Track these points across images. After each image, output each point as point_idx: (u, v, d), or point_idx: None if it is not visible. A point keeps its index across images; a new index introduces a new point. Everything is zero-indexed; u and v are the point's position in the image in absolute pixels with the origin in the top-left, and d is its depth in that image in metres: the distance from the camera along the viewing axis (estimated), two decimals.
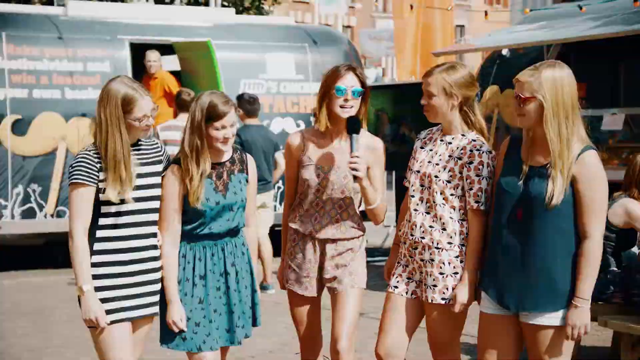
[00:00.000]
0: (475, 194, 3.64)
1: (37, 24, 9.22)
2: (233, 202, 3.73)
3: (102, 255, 3.51)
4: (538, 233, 3.37)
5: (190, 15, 10.74)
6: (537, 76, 3.32)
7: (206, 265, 3.70)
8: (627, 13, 7.70)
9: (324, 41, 10.52)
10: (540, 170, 3.37)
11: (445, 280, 3.67)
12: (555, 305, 3.37)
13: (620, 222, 5.20)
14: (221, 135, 3.65)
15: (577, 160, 3.31)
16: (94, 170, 3.47)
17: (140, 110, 3.50)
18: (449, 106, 3.71)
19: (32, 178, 8.79)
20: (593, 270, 3.34)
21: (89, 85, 9.11)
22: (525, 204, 3.38)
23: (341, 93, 3.85)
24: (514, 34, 8.98)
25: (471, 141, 3.70)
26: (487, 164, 3.65)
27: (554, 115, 3.30)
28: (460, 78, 3.69)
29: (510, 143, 3.57)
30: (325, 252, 3.98)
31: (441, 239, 3.68)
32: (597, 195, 3.33)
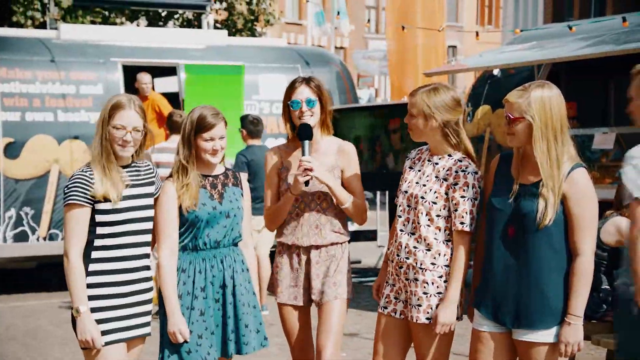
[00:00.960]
0: (460, 215, 3.66)
1: (29, 47, 9.25)
2: (229, 209, 3.78)
3: (97, 276, 3.53)
4: (530, 250, 3.39)
5: (183, 37, 10.78)
6: (526, 97, 3.36)
7: (206, 277, 3.74)
8: (616, 33, 7.75)
9: (316, 62, 10.58)
10: (530, 188, 3.40)
11: (429, 300, 3.69)
12: (549, 322, 3.38)
13: (612, 240, 5.22)
14: (210, 146, 3.72)
15: (567, 179, 3.34)
16: (89, 191, 3.49)
17: (121, 118, 3.52)
18: (428, 127, 3.74)
19: (24, 201, 8.78)
20: (585, 287, 3.36)
21: (81, 107, 9.13)
22: (517, 221, 3.41)
23: (297, 106, 4.01)
24: (504, 54, 9.01)
25: (457, 162, 3.73)
26: (473, 185, 3.68)
27: (542, 135, 3.34)
28: (440, 101, 3.71)
29: (501, 161, 3.60)
30: (310, 259, 4.07)
31: (425, 260, 3.70)
32: (587, 213, 3.36)
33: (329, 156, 4.08)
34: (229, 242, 3.81)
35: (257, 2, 16.52)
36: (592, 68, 8.49)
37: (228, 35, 11.56)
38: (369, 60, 25.77)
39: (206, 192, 3.76)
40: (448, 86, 3.87)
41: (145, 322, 3.67)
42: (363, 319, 7.28)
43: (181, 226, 3.73)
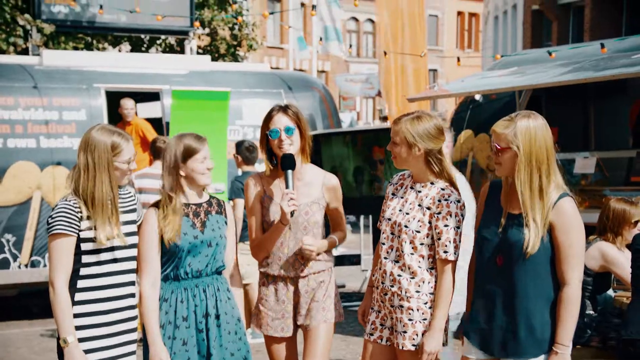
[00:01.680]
0: (444, 244, 3.67)
1: (12, 74, 9.20)
2: (211, 238, 3.77)
3: (83, 305, 3.52)
4: (517, 279, 3.40)
5: (166, 63, 10.79)
6: (512, 127, 3.39)
7: (188, 306, 3.72)
8: (595, 59, 7.84)
9: (299, 87, 10.62)
10: (518, 218, 3.42)
11: (415, 327, 3.71)
12: (537, 351, 3.40)
13: (596, 265, 5.24)
14: (203, 167, 3.76)
15: (554, 208, 3.36)
16: (75, 220, 3.49)
17: (128, 153, 3.58)
18: (411, 156, 3.76)
19: (6, 228, 8.71)
20: (572, 316, 3.38)
21: (64, 133, 9.09)
22: (504, 251, 3.43)
23: (275, 135, 3.98)
24: (486, 79, 9.08)
25: (440, 190, 3.75)
26: (456, 214, 3.69)
27: (526, 165, 3.36)
28: (423, 130, 3.73)
29: (490, 189, 3.62)
30: (298, 289, 4.03)
31: (409, 287, 3.72)
32: (574, 243, 3.38)
33: (314, 187, 4.07)
34: (212, 271, 3.80)
35: (239, 27, 16.58)
36: (573, 93, 8.58)
37: (211, 60, 11.57)
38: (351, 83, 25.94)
39: (188, 220, 3.76)
40: (431, 114, 3.89)
41: (131, 351, 3.66)
42: (348, 344, 7.25)
43: (163, 255, 3.72)
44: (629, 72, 7.09)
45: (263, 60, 28.89)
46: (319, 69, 32.16)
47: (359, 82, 25.59)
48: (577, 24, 22.37)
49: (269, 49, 32.28)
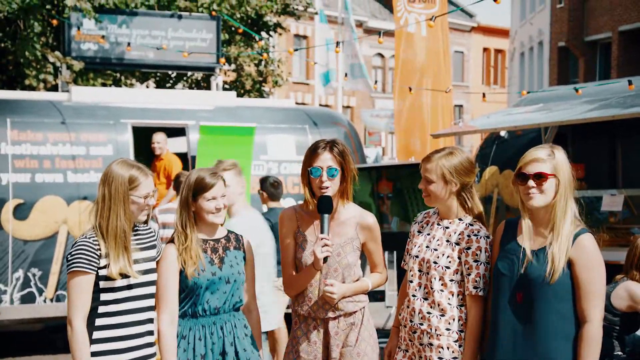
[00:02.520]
0: (474, 279, 3.64)
1: (41, 110, 9.33)
2: (229, 274, 3.75)
3: (101, 344, 3.51)
4: (538, 316, 3.37)
5: (192, 99, 10.88)
6: (553, 156, 3.41)
7: (206, 344, 3.70)
8: (622, 96, 7.81)
9: (324, 122, 10.65)
10: (537, 253, 3.38)
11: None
12: None
13: (624, 305, 5.17)
14: (212, 206, 3.72)
15: (574, 244, 3.34)
16: (94, 257, 3.48)
17: (145, 188, 3.57)
18: (447, 192, 3.74)
19: (32, 262, 8.77)
20: (594, 354, 3.33)
21: (91, 168, 9.17)
22: (525, 286, 3.39)
23: (316, 174, 3.83)
24: (511, 115, 9.08)
25: (468, 226, 3.72)
26: (485, 249, 3.66)
27: (566, 194, 3.39)
28: (459, 164, 3.72)
29: (506, 227, 3.60)
30: (329, 331, 3.94)
31: (439, 325, 3.67)
32: (595, 279, 3.35)
33: (348, 227, 3.93)
34: (230, 308, 3.77)
35: (265, 64, 16.72)
36: (599, 130, 8.54)
37: (237, 96, 11.66)
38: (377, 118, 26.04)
39: (206, 256, 3.74)
40: (461, 149, 3.89)
41: None
42: None
43: (181, 292, 3.71)
44: None
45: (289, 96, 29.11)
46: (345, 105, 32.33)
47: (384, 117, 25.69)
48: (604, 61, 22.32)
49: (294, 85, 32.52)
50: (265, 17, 16.13)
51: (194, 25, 13.16)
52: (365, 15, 35.95)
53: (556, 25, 24.28)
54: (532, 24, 27.58)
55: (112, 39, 12.60)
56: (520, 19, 29.98)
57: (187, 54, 12.11)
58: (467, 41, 41.91)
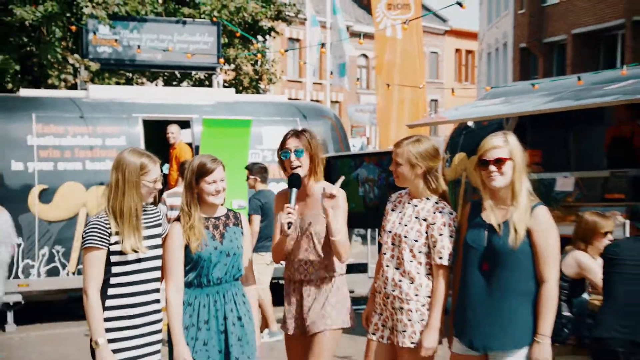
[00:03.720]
0: (439, 251, 3.69)
1: (62, 106, 9.32)
2: (229, 248, 3.77)
3: (113, 311, 3.53)
4: (503, 281, 3.42)
5: (196, 95, 10.88)
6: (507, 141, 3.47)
7: (209, 311, 3.72)
8: (573, 90, 7.85)
9: (313, 115, 10.66)
10: (500, 227, 3.44)
11: (414, 326, 3.71)
12: (520, 343, 3.39)
13: (572, 272, 5.22)
14: (213, 188, 3.73)
15: (532, 215, 3.40)
16: (105, 235, 3.50)
17: (154, 173, 3.59)
18: (413, 174, 3.78)
19: (56, 240, 8.79)
20: (552, 310, 3.39)
21: (107, 157, 9.18)
22: (490, 256, 3.44)
23: (286, 156, 3.94)
24: (478, 108, 9.10)
25: (435, 204, 3.77)
26: (449, 224, 3.71)
27: (521, 173, 3.44)
28: (424, 151, 3.77)
29: (472, 207, 3.65)
30: (302, 293, 4.02)
31: (409, 291, 3.72)
32: (550, 244, 3.41)
33: (317, 202, 4.00)
34: (230, 278, 3.79)
35: (261, 63, 16.69)
36: (554, 120, 8.57)
37: (235, 92, 11.66)
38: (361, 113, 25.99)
39: (209, 233, 3.75)
40: (429, 137, 3.94)
41: (156, 350, 3.66)
42: (356, 343, 7.23)
43: (187, 264, 3.72)
44: (603, 102, 7.10)
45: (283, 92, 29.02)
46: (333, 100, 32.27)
47: (367, 112, 25.65)
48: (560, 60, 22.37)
49: (289, 82, 32.44)
50: (261, 22, 16.09)
51: (197, 30, 13.13)
52: (351, 20, 35.82)
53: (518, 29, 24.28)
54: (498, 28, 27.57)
55: (125, 42, 12.57)
56: (487, 23, 29.96)
57: (191, 55, 12.10)
58: (441, 43, 41.86)
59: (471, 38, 40.69)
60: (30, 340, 8.19)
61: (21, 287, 8.64)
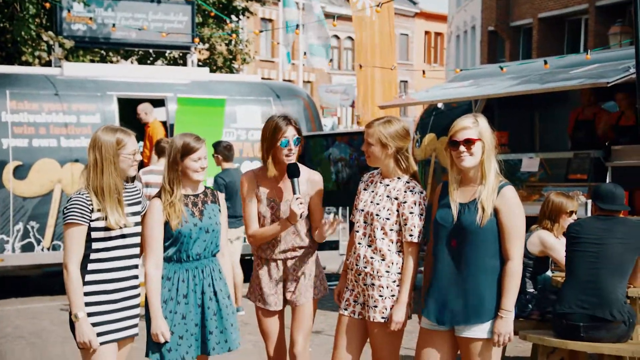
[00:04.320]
0: (409, 228, 3.72)
1: (36, 83, 9.17)
2: (209, 225, 3.78)
3: (92, 285, 3.52)
4: (470, 257, 3.46)
5: (170, 74, 10.77)
6: (477, 123, 3.49)
7: (188, 285, 3.74)
8: (540, 73, 7.91)
9: (286, 95, 10.62)
10: (468, 205, 3.48)
11: (384, 302, 3.75)
12: (484, 318, 3.44)
13: (536, 250, 5.30)
14: (197, 165, 3.75)
15: (499, 195, 3.43)
16: (86, 211, 3.49)
17: (132, 145, 3.57)
18: (384, 154, 3.80)
19: (31, 216, 8.69)
20: (515, 286, 3.44)
21: (81, 134, 9.07)
22: (458, 233, 3.48)
23: (285, 144, 3.95)
24: (447, 90, 9.14)
25: (405, 183, 3.80)
26: (419, 203, 3.74)
27: (490, 154, 3.47)
28: (394, 132, 3.78)
29: (442, 187, 3.69)
30: (286, 270, 4.07)
31: (380, 268, 3.76)
32: (516, 223, 3.45)
33: (302, 184, 4.04)
34: (209, 254, 3.81)
35: (235, 43, 16.54)
36: (520, 102, 8.65)
37: (210, 72, 11.56)
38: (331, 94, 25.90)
39: (188, 209, 3.76)
40: (399, 118, 3.95)
41: (134, 324, 3.67)
42: (327, 318, 7.29)
43: (166, 240, 3.73)
44: (568, 85, 7.17)
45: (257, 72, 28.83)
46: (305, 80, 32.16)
47: (338, 92, 25.59)
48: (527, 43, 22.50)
49: (262, 62, 32.22)
50: (235, 2, 15.93)
51: (171, 9, 12.95)
52: (324, 2, 35.62)
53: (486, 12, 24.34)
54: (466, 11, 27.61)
55: (99, 20, 12.37)
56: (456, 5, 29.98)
57: (165, 34, 11.95)
58: (411, 25, 41.83)
59: (440, 20, 40.72)
60: (5, 314, 8.12)
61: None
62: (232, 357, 6.04)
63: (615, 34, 16.70)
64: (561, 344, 4.65)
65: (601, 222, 4.70)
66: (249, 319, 7.35)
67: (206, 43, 15.86)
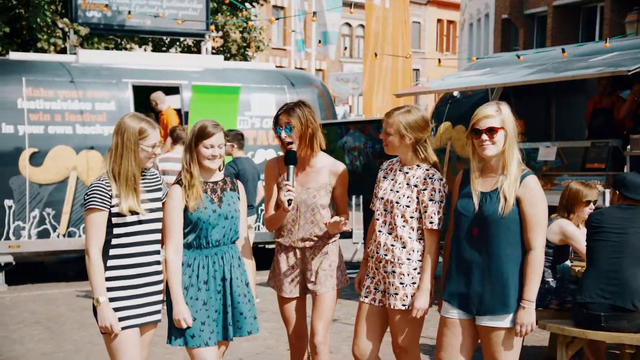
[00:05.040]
0: (429, 215, 3.71)
1: (52, 70, 9.18)
2: (228, 212, 3.77)
3: (114, 271, 3.53)
4: (491, 247, 3.43)
5: (184, 61, 10.74)
6: (500, 111, 3.45)
7: (208, 272, 3.73)
8: (557, 62, 7.83)
9: (300, 83, 10.58)
10: (491, 194, 3.45)
11: (405, 289, 3.74)
12: (507, 308, 3.42)
13: (557, 239, 5.26)
14: (209, 152, 3.72)
15: (521, 184, 3.40)
16: (107, 197, 3.49)
17: (153, 138, 3.57)
18: (402, 144, 3.78)
19: (46, 203, 8.72)
20: (537, 276, 3.41)
21: (96, 122, 9.08)
22: (480, 223, 3.45)
23: (278, 132, 3.98)
24: (463, 78, 9.06)
25: (425, 171, 3.79)
26: (439, 190, 3.73)
27: (513, 142, 3.43)
28: (413, 122, 3.76)
29: (463, 175, 3.65)
30: (306, 257, 4.06)
31: (401, 255, 3.75)
32: (539, 213, 3.41)
33: (322, 174, 4.04)
34: (228, 241, 3.80)
35: (249, 31, 16.49)
36: (537, 91, 8.57)
37: (224, 59, 11.53)
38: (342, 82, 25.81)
39: (207, 196, 3.75)
40: (419, 108, 3.92)
41: (156, 310, 3.67)
42: (342, 306, 7.29)
43: (186, 226, 3.72)
44: (585, 74, 7.09)
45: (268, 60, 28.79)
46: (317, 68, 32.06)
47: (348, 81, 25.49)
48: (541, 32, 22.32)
49: (273, 50, 32.15)
50: None
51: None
52: None
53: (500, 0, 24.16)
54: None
55: (114, 7, 12.35)
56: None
57: (180, 21, 11.91)
58: (424, 13, 41.60)
59: (453, 8, 40.46)
60: (21, 299, 8.16)
61: (12, 248, 8.59)
62: (248, 343, 6.08)
63: (631, 22, 16.51)
64: (581, 333, 4.62)
65: (623, 212, 4.65)
66: (265, 306, 7.35)
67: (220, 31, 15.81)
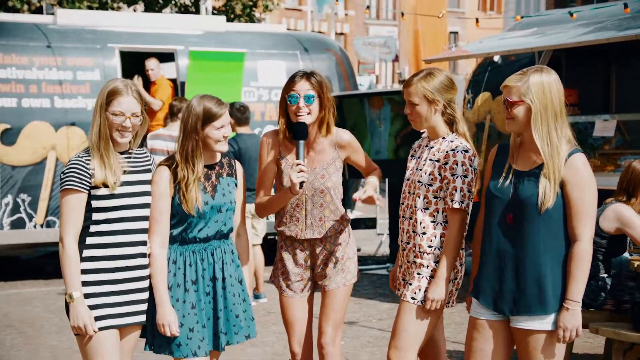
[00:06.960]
0: (451, 192, 3.71)
1: (25, 33, 9.22)
2: (221, 204, 3.73)
3: (91, 262, 3.50)
4: (528, 237, 3.39)
5: (181, 23, 10.74)
6: (525, 80, 3.36)
7: (197, 270, 3.70)
8: (618, 19, 7.74)
9: (316, 48, 10.56)
10: (528, 175, 3.40)
11: (420, 281, 3.76)
12: (547, 309, 3.37)
13: (612, 227, 5.21)
14: (220, 134, 3.68)
15: (566, 164, 3.35)
16: (85, 177, 3.47)
17: (119, 105, 3.50)
18: (432, 112, 3.79)
19: (21, 188, 8.79)
20: (583, 272, 3.36)
21: (78, 94, 9.12)
22: (515, 208, 3.41)
23: (294, 101, 3.90)
24: (505, 40, 8.99)
25: (449, 143, 3.79)
26: (462, 163, 3.71)
27: (542, 119, 3.34)
28: (439, 83, 3.77)
29: (498, 151, 3.61)
30: (316, 252, 4.04)
31: (422, 243, 3.77)
32: (586, 198, 3.35)
33: (326, 150, 4.01)
34: (220, 235, 3.77)
35: None
36: (594, 54, 8.48)
37: (226, 21, 11.52)
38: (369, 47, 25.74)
39: (200, 184, 3.70)
40: (439, 68, 3.92)
41: (142, 310, 3.62)
42: (362, 307, 7.30)
43: (172, 217, 3.67)
44: None
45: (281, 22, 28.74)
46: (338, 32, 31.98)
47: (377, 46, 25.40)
48: None
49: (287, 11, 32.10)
50: None
51: None
52: None
53: None
54: None
55: None
56: None
57: None
58: None
59: None
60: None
61: None
62: (253, 349, 6.11)
63: None
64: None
65: None
66: (272, 307, 7.39)
67: None
